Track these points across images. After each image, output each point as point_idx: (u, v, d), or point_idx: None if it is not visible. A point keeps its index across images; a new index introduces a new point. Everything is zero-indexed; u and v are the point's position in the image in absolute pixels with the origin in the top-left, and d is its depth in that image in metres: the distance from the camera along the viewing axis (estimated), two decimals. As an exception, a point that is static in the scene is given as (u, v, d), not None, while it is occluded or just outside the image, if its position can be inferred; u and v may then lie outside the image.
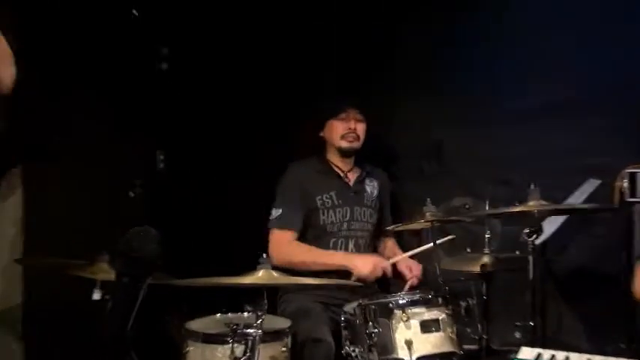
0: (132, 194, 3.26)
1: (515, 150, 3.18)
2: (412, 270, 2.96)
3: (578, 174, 2.97)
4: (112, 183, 3.16)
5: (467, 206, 3.19)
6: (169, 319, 2.92)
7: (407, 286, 2.87)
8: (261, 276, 2.16)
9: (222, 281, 2.18)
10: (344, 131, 3.06)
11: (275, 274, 2.20)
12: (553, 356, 1.95)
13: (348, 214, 3.04)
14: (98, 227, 2.95)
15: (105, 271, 2.50)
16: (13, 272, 2.77)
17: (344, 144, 3.07)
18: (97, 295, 2.39)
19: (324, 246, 2.99)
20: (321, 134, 3.14)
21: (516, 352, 1.99)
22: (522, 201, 2.46)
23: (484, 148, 3.24)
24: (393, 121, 3.48)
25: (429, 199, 2.46)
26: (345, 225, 3.03)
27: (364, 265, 2.79)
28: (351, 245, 3.03)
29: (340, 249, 3.01)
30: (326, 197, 3.03)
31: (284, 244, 2.92)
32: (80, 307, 2.48)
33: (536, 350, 1.99)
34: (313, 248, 2.93)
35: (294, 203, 2.99)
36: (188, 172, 3.41)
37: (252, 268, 2.22)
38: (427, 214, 2.44)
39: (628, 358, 1.90)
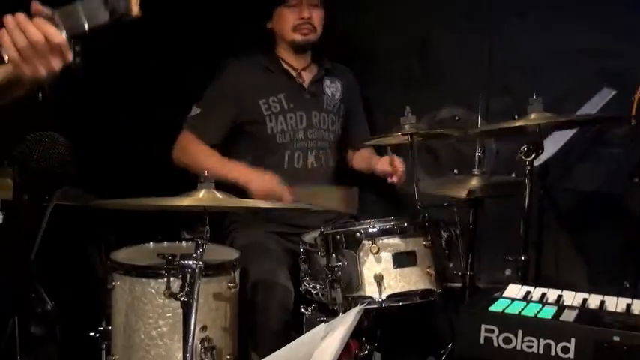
0: (40, 96, 3.20)
1: (517, 51, 3.22)
2: (395, 163, 2.89)
3: (591, 81, 3.03)
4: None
5: (457, 118, 3.24)
6: (91, 247, 2.95)
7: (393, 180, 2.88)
8: (202, 197, 2.20)
9: (156, 203, 2.22)
10: (296, 21, 3.03)
11: (219, 195, 2.24)
12: (544, 294, 2.06)
13: (304, 121, 3.05)
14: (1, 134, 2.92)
15: (5, 188, 2.50)
16: None
17: (297, 37, 3.05)
18: (-1, 218, 2.39)
19: (278, 160, 3.02)
20: (269, 26, 3.11)
21: (504, 290, 2.09)
22: (522, 113, 2.52)
23: (479, 47, 3.27)
24: (367, 9, 3.46)
25: (408, 107, 2.49)
26: (300, 134, 3.04)
27: (260, 183, 2.79)
28: (310, 159, 3.06)
29: (298, 164, 3.03)
30: (273, 101, 3.02)
31: (190, 146, 2.99)
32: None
33: (525, 288, 2.10)
34: (216, 154, 2.96)
35: (217, 110, 3.01)
36: (110, 66, 3.35)
37: (191, 186, 2.27)
38: (405, 126, 2.47)
39: (630, 297, 2.00)
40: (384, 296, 2.35)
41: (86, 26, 1.64)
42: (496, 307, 1.94)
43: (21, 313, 2.22)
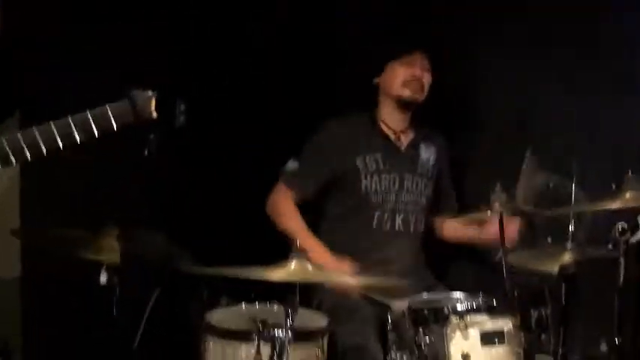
0: (146, 153, 3.39)
1: (622, 112, 3.18)
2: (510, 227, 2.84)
3: None
4: (123, 138, 3.30)
5: (551, 185, 3.21)
6: (190, 307, 3.08)
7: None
8: (293, 270, 2.29)
9: (247, 273, 2.32)
10: (408, 77, 3.08)
11: (310, 267, 2.32)
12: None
13: (397, 183, 3.10)
14: (106, 193, 3.12)
15: (112, 249, 2.67)
16: (10, 244, 2.97)
17: (406, 92, 3.09)
18: (103, 279, 2.55)
19: (366, 221, 3.07)
20: (376, 81, 3.16)
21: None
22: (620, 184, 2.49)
23: (579, 109, 3.25)
24: (468, 74, 3.50)
25: (498, 184, 2.51)
26: (392, 196, 3.08)
27: (325, 263, 2.79)
28: (398, 221, 3.09)
29: (386, 226, 3.07)
30: (369, 159, 3.08)
31: (281, 201, 3.07)
32: (85, 290, 2.66)
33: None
34: (302, 223, 3.02)
35: (316, 163, 3.08)
36: (214, 127, 3.51)
37: (284, 255, 2.36)
38: (495, 203, 2.49)
39: None
40: (470, 375, 2.37)
41: (114, 127, 1.83)
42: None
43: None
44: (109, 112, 1.87)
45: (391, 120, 3.17)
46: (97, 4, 3.19)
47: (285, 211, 3.06)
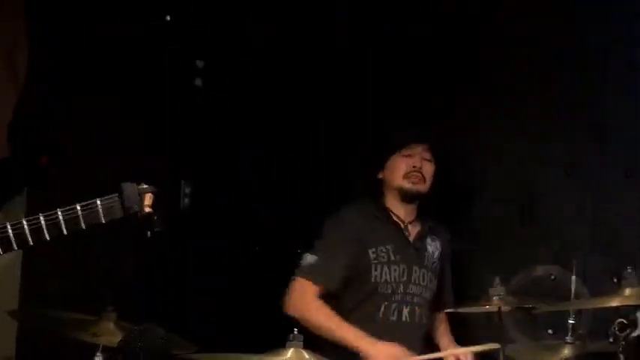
0: (149, 234, 3.43)
1: (622, 212, 3.22)
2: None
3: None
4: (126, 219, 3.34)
5: (552, 277, 3.23)
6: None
7: None
8: (289, 358, 2.29)
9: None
10: (408, 169, 3.11)
11: (306, 355, 2.33)
12: None
13: (406, 275, 3.09)
14: (106, 277, 3.14)
15: (109, 333, 2.69)
16: (8, 326, 2.98)
17: (406, 184, 3.10)
18: (98, 361, 2.57)
19: (374, 310, 3.04)
20: (380, 175, 3.19)
21: None
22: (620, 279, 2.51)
23: (583, 206, 3.30)
24: (472, 164, 3.56)
25: (497, 278, 2.53)
26: (401, 287, 3.07)
27: (382, 356, 2.79)
28: (405, 313, 3.07)
29: (393, 316, 3.05)
30: (381, 250, 3.08)
31: (306, 297, 2.96)
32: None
33: None
34: (334, 315, 2.95)
35: (337, 255, 3.04)
36: (219, 211, 3.55)
37: (281, 342, 2.37)
38: (494, 297, 2.50)
39: None
40: None
41: (103, 220, 1.88)
42: None
43: None
44: (99, 206, 1.91)
45: (398, 211, 3.18)
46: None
47: (317, 310, 2.95)
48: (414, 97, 3.64)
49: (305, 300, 2.97)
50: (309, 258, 3.03)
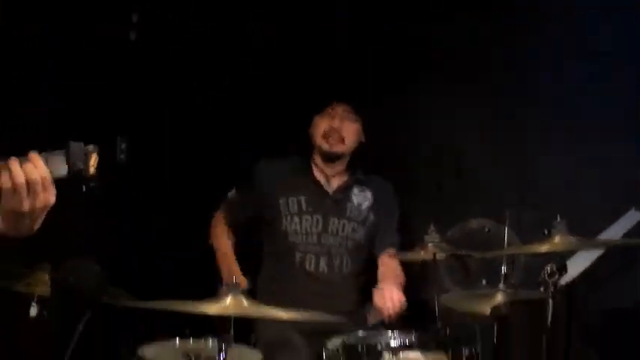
0: (84, 189, 3.40)
1: (551, 165, 3.33)
2: (386, 299, 2.93)
3: (622, 199, 3.12)
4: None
5: (487, 230, 3.33)
6: (121, 343, 3.07)
7: (372, 318, 3.00)
8: (228, 305, 2.32)
9: (181, 307, 2.34)
10: (326, 129, 3.19)
11: (246, 302, 2.35)
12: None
13: (320, 225, 3.18)
14: (41, 229, 3.10)
15: (44, 284, 2.67)
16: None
17: (324, 144, 3.20)
18: (33, 311, 2.54)
19: (289, 261, 3.15)
20: (310, 131, 3.28)
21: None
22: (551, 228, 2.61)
23: (513, 160, 3.41)
24: (406, 123, 3.64)
25: (432, 225, 2.60)
26: (314, 237, 3.16)
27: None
28: (322, 264, 3.15)
29: (310, 267, 3.14)
30: (292, 201, 3.19)
31: (216, 227, 3.28)
32: (16, 323, 2.64)
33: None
34: (226, 247, 3.21)
35: (245, 198, 3.26)
36: (154, 167, 3.55)
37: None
38: (429, 244, 2.57)
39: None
40: (402, 409, 2.42)
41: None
42: None
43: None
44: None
45: (322, 167, 3.28)
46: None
47: (217, 231, 3.26)
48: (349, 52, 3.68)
49: (215, 229, 3.26)
50: (230, 193, 3.29)
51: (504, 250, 2.96)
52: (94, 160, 1.93)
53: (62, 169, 1.88)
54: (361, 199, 3.27)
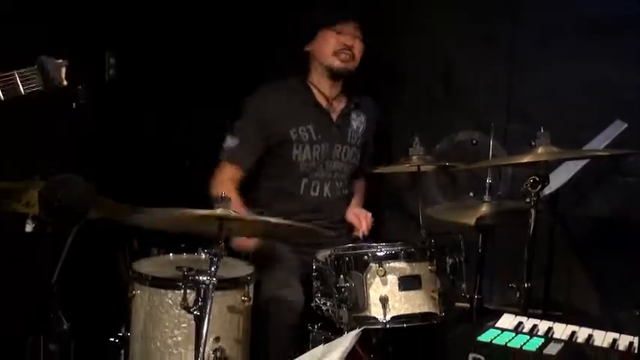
0: (74, 105, 3.42)
1: (537, 78, 3.38)
2: (361, 219, 3.13)
3: (607, 111, 3.19)
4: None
5: (474, 142, 3.39)
6: (117, 255, 3.17)
7: (358, 236, 3.10)
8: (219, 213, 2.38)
9: (173, 212, 2.42)
10: (338, 47, 3.12)
11: (232, 213, 2.43)
12: (535, 326, 2.22)
13: (327, 152, 3.20)
14: (33, 145, 3.15)
15: (36, 202, 2.72)
16: None
17: (336, 63, 3.13)
18: (29, 227, 2.60)
19: (295, 186, 3.18)
20: (308, 48, 3.20)
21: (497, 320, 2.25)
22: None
23: (500, 74, 3.46)
24: (393, 36, 3.62)
25: (417, 138, 2.65)
26: (322, 165, 3.19)
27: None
28: (326, 188, 3.21)
29: (314, 192, 3.20)
30: (302, 130, 3.16)
31: (226, 181, 3.10)
32: (12, 239, 2.72)
33: (518, 318, 2.26)
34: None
35: (252, 137, 3.14)
36: (145, 82, 3.55)
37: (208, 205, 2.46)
38: (413, 157, 2.63)
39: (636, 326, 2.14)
40: (388, 317, 2.52)
41: (22, 91, 1.90)
42: (485, 337, 2.10)
43: (39, 333, 2.46)
44: (17, 78, 1.91)
45: (323, 87, 3.22)
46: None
47: (220, 183, 3.09)
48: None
49: (219, 179, 3.11)
50: (229, 141, 3.14)
51: (489, 162, 3.02)
52: (64, 73, 1.97)
53: (37, 83, 1.93)
54: (358, 123, 3.30)
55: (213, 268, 2.38)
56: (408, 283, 2.54)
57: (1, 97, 1.93)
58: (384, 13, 3.58)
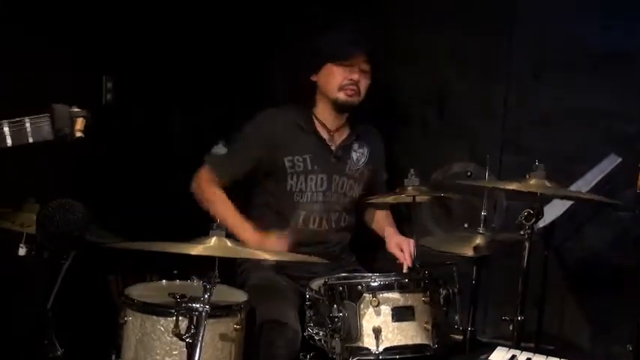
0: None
1: (532, 109, 3.41)
2: (403, 248, 3.05)
3: (602, 143, 3.23)
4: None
5: (469, 173, 3.40)
6: (109, 280, 3.15)
7: (404, 269, 3.02)
8: (212, 245, 2.39)
9: (167, 248, 2.41)
10: (344, 81, 3.09)
11: (229, 243, 2.43)
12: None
13: (325, 184, 3.17)
14: (30, 169, 3.15)
15: (32, 223, 2.72)
16: None
17: (341, 96, 3.11)
18: (22, 251, 2.60)
19: (294, 217, 3.16)
20: (314, 78, 3.17)
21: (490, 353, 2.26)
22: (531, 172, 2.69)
23: (495, 104, 3.48)
24: (390, 60, 3.61)
25: (412, 170, 2.67)
26: (319, 196, 3.17)
27: (253, 242, 2.90)
28: (324, 221, 3.19)
29: (313, 225, 3.18)
30: (298, 160, 3.13)
31: (207, 184, 3.12)
32: (4, 263, 2.71)
33: (511, 352, 2.26)
34: (225, 201, 3.10)
35: (244, 154, 3.14)
36: (142, 107, 3.56)
37: (205, 230, 2.47)
38: (409, 187, 2.64)
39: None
40: (381, 349, 2.52)
41: (30, 140, 1.90)
42: (478, 370, 2.10)
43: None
44: (27, 125, 1.90)
45: (327, 118, 3.21)
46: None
47: (213, 197, 3.10)
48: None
49: (206, 188, 3.12)
50: (219, 149, 3.15)
51: (480, 184, 3.04)
52: (80, 124, 1.96)
53: (47, 133, 1.91)
54: (359, 155, 3.27)
55: (206, 296, 2.37)
56: (401, 313, 2.55)
57: (10, 143, 1.91)
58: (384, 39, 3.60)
